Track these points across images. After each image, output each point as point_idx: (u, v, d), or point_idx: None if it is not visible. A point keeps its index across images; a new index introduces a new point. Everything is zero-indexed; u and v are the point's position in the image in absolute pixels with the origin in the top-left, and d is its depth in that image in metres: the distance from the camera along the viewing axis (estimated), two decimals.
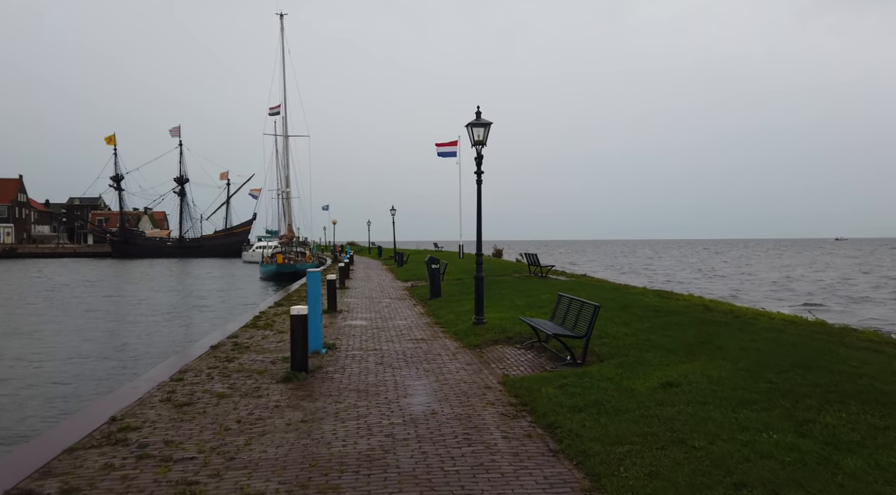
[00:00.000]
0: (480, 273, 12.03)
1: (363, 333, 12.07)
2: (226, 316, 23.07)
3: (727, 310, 11.50)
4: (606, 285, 18.04)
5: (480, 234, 12.04)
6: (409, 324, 13.36)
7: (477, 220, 12.04)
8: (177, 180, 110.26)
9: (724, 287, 39.56)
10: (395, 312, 15.54)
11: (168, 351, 15.38)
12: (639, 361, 7.71)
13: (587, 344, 8.31)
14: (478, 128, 11.66)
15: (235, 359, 9.52)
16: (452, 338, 11.31)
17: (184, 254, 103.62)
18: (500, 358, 9.29)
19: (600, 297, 14.18)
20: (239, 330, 12.62)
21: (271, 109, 47.50)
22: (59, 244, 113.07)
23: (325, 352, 9.97)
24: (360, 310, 16.21)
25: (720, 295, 27.44)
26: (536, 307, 13.59)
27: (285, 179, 49.77)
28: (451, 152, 40.42)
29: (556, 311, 9.98)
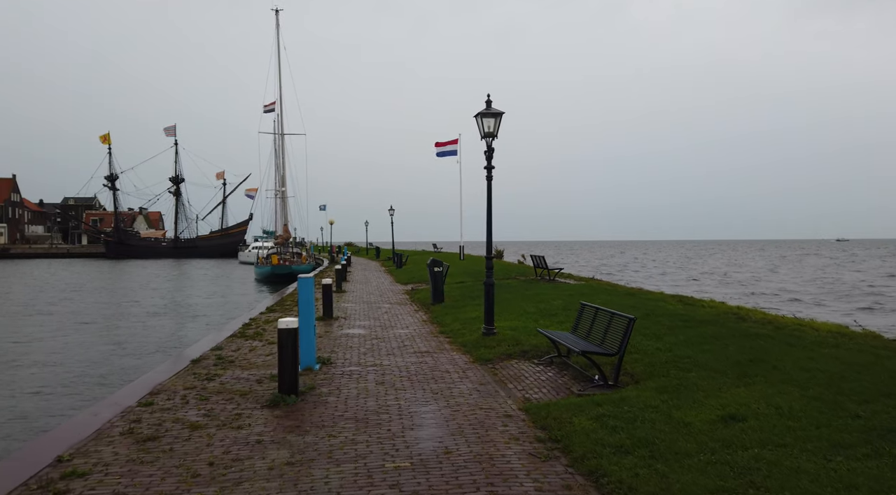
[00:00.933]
0: (491, 278, 10.94)
1: (361, 344, 10.96)
2: (216, 321, 21.94)
3: (765, 320, 10.43)
4: (620, 289, 16.96)
5: (490, 235, 10.95)
6: (411, 333, 12.26)
7: (487, 220, 10.96)
8: (172, 180, 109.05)
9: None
10: (395, 319, 14.44)
11: (144, 364, 14.13)
12: (683, 384, 6.61)
13: (620, 362, 7.21)
14: (488, 119, 10.57)
15: (217, 376, 8.40)
16: (460, 350, 10.21)
17: (179, 254, 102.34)
18: (516, 376, 8.19)
19: (618, 304, 13.10)
20: (224, 340, 11.50)
21: (266, 106, 46.35)
22: (52, 244, 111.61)
23: (318, 368, 8.86)
24: (358, 316, 15.11)
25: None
26: (549, 315, 12.50)
27: (281, 178, 48.64)
28: (451, 151, 39.33)
29: (579, 323, 8.88)
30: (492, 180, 10.83)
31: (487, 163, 10.73)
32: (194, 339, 15.90)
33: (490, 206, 10.92)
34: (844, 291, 38.06)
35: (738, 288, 40.43)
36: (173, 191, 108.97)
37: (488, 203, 10.92)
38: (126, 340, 18.22)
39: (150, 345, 17.35)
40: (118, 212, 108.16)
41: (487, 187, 10.86)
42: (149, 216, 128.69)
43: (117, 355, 15.95)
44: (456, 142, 39.35)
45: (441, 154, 39.15)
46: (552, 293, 16.21)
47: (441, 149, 38.94)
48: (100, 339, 18.63)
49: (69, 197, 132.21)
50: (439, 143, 39.13)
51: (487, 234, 10.97)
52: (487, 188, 10.87)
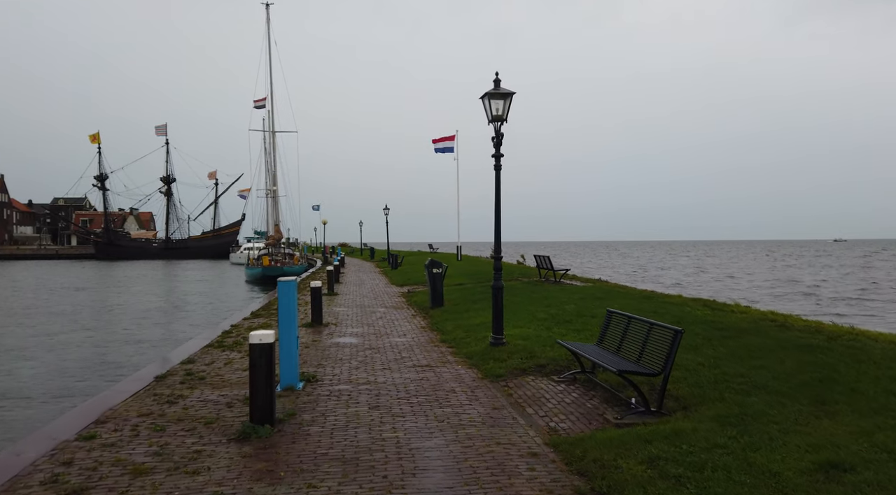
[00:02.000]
0: (500, 281, 9.66)
1: (353, 356, 9.67)
2: (195, 327, 20.58)
3: (810, 328, 9.20)
4: (634, 292, 15.72)
5: (499, 233, 9.68)
6: (409, 342, 10.98)
7: (495, 215, 9.68)
8: (163, 180, 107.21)
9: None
10: (391, 325, 13.15)
11: (106, 378, 12.63)
12: (748, 413, 5.37)
13: (665, 384, 5.95)
14: (496, 100, 9.31)
15: (181, 398, 7.11)
16: (466, 363, 8.94)
17: (170, 255, 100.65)
18: (535, 397, 6.93)
19: (637, 309, 11.86)
20: (199, 351, 10.20)
21: (256, 102, 44.91)
22: (41, 246, 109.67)
23: (301, 387, 7.57)
24: (351, 322, 13.81)
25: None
26: (563, 322, 11.24)
27: (272, 177, 47.24)
28: (448, 148, 38.11)
29: (606, 333, 7.63)
30: (500, 170, 9.57)
31: (496, 150, 9.47)
32: (168, 347, 14.55)
33: (498, 200, 9.66)
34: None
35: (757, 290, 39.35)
36: (164, 191, 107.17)
37: (496, 196, 9.65)
38: (90, 354, 16.78)
39: (120, 357, 15.94)
40: (108, 212, 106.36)
41: (496, 178, 9.60)
42: (140, 216, 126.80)
43: (81, 368, 14.53)
44: (453, 138, 38.14)
45: (439, 150, 37.92)
46: (561, 296, 14.96)
47: (439, 145, 37.71)
48: (70, 347, 17.25)
49: (59, 197, 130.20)
50: (437, 139, 37.91)
51: (496, 232, 9.70)
52: (496, 179, 9.60)
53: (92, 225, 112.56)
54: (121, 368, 13.64)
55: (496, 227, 9.69)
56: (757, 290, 38.20)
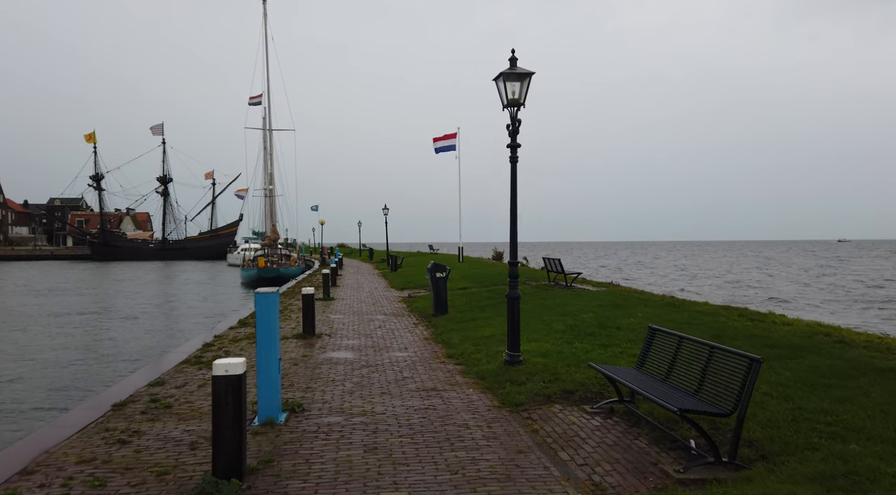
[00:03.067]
0: (516, 290, 8.40)
1: (347, 376, 8.42)
2: (185, 332, 19.33)
3: (873, 344, 7.96)
4: (656, 299, 14.45)
5: (515, 235, 8.40)
6: (411, 357, 9.73)
7: (510, 214, 8.42)
8: (160, 180, 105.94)
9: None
10: (391, 337, 11.90)
11: (62, 402, 10.93)
12: (857, 470, 4.12)
13: (740, 428, 4.68)
14: (513, 82, 8.07)
15: (137, 435, 5.86)
16: (478, 386, 7.69)
17: (166, 256, 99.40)
18: (567, 435, 5.67)
19: (665, 319, 10.62)
20: (172, 369, 8.95)
21: (252, 99, 43.60)
22: (36, 246, 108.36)
23: (283, 419, 6.32)
24: (347, 332, 12.56)
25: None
26: (585, 334, 9.98)
27: (269, 176, 45.97)
28: (449, 146, 36.85)
29: (648, 354, 6.38)
30: (517, 162, 8.32)
31: (511, 140, 8.22)
32: (142, 361, 13.24)
33: (514, 197, 8.40)
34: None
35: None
36: (161, 191, 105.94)
37: (512, 193, 8.39)
38: (62, 361, 15.46)
39: (87, 375, 14.57)
40: (104, 212, 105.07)
41: (511, 172, 8.35)
42: (136, 217, 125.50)
43: (37, 385, 13.10)
44: (454, 136, 36.88)
45: (439, 149, 36.66)
46: (577, 303, 13.70)
47: (440, 144, 36.45)
48: (36, 359, 15.96)
49: (55, 197, 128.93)
50: (438, 138, 36.65)
51: (511, 233, 8.43)
52: (511, 173, 8.35)
53: (88, 225, 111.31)
54: (83, 389, 12.02)
55: (511, 228, 8.43)
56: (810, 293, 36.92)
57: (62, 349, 16.97)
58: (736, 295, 34.87)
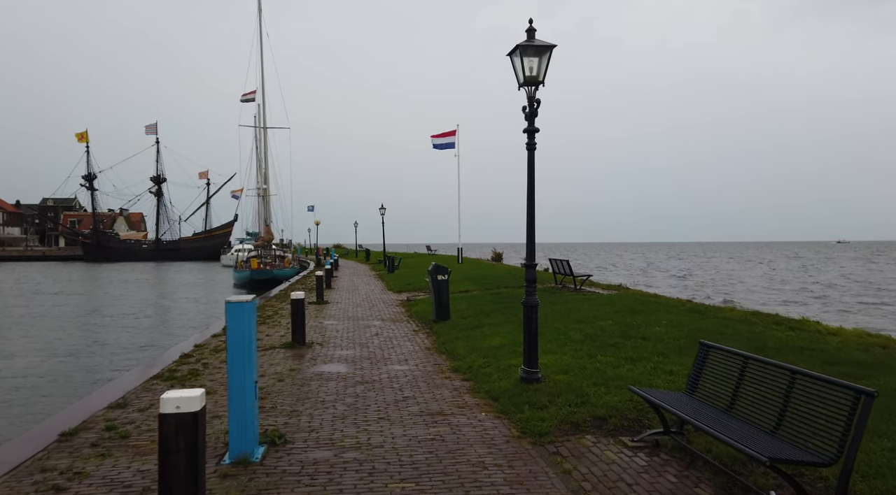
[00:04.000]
0: (534, 297, 7.31)
1: (340, 395, 7.33)
2: (169, 337, 18.19)
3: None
4: (676, 304, 13.36)
5: (533, 233, 7.32)
6: (412, 371, 8.64)
7: (528, 210, 7.33)
8: (153, 179, 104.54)
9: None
10: (389, 345, 10.81)
11: (8, 429, 9.46)
12: None
13: (847, 480, 3.61)
14: (530, 57, 7.00)
15: (77, 478, 4.76)
16: (491, 409, 6.61)
17: (160, 257, 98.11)
18: (608, 480, 4.60)
19: (692, 327, 9.56)
20: (140, 385, 7.86)
21: (245, 95, 42.43)
22: (27, 247, 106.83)
23: (260, 456, 5.23)
24: (341, 340, 11.46)
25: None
26: (607, 345, 8.91)
27: (263, 175, 44.81)
28: (448, 144, 35.80)
29: (702, 375, 5.31)
30: (535, 150, 7.25)
31: (528, 123, 7.14)
32: (109, 374, 12.06)
33: (532, 190, 7.31)
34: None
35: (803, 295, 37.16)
36: (154, 191, 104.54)
37: (530, 185, 7.31)
38: (24, 376, 14.31)
39: (50, 394, 13.39)
40: (97, 213, 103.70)
41: (528, 161, 7.27)
42: (130, 217, 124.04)
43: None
44: (454, 133, 35.82)
45: (438, 146, 35.60)
46: (591, 309, 12.64)
47: (438, 141, 35.39)
48: (5, 367, 14.81)
49: (48, 197, 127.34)
50: (436, 134, 35.59)
51: (528, 231, 7.34)
52: (528, 162, 7.27)
53: (80, 226, 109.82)
54: (32, 413, 10.49)
55: (528, 226, 7.35)
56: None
57: (31, 355, 15.80)
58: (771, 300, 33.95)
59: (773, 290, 39.34)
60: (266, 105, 43.60)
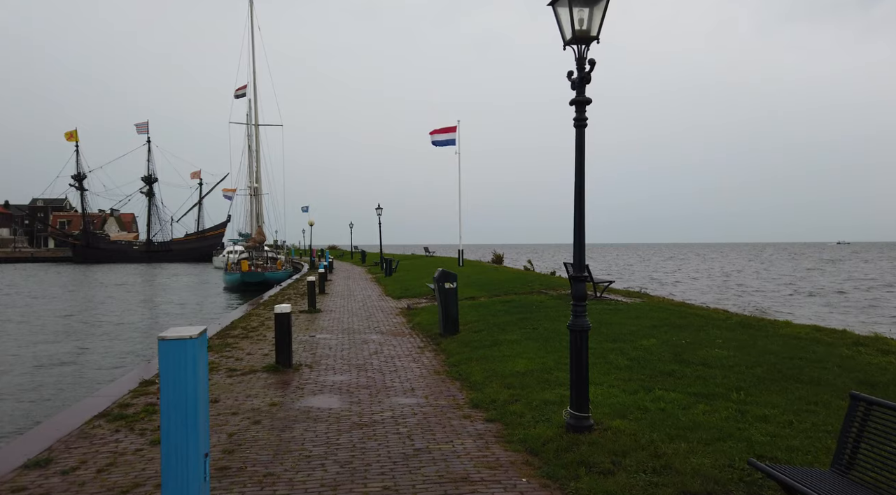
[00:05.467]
0: (583, 318, 5.61)
1: (331, 446, 5.64)
2: (132, 357, 16.44)
3: None
4: (721, 317, 11.64)
5: (582, 236, 5.63)
6: (421, 407, 6.95)
7: (575, 207, 5.64)
8: (144, 179, 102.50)
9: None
10: (391, 369, 9.12)
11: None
12: None
13: None
14: (581, 7, 5.34)
15: None
16: (533, 471, 4.93)
17: (152, 258, 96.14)
18: None
19: (758, 349, 7.90)
20: (77, 430, 6.14)
21: (237, 90, 40.67)
22: (15, 248, 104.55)
23: None
24: (333, 361, 9.77)
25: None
26: (661, 374, 7.23)
27: (254, 174, 43.04)
28: (449, 140, 34.12)
29: (861, 448, 3.64)
30: (585, 126, 5.58)
31: (577, 92, 5.47)
32: (45, 406, 10.15)
33: (581, 182, 5.62)
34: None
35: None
36: (146, 191, 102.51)
37: (578, 174, 5.62)
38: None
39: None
40: (87, 213, 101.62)
41: (577, 143, 5.59)
42: (121, 218, 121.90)
43: None
44: (454, 129, 34.14)
45: (438, 143, 33.91)
46: (623, 322, 10.98)
47: (438, 137, 33.70)
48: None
49: (37, 198, 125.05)
50: (436, 130, 33.91)
51: (576, 233, 5.64)
52: (577, 145, 5.59)
53: (70, 226, 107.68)
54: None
55: (576, 225, 5.65)
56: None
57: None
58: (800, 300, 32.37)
59: (801, 296, 37.74)
60: (258, 101, 41.87)
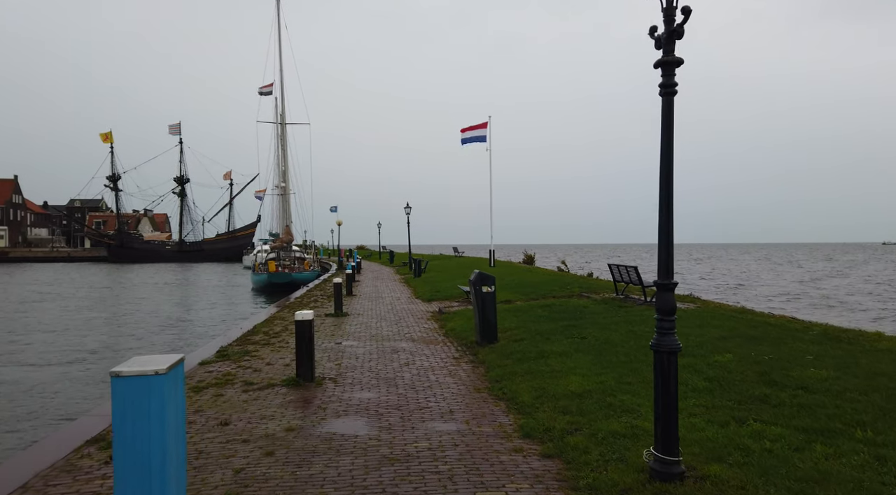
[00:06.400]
0: (672, 337, 4.47)
1: (356, 488, 4.60)
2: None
3: None
4: (796, 327, 10.32)
5: (670, 233, 4.49)
6: (463, 436, 5.87)
7: (661, 199, 4.50)
8: (177, 180, 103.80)
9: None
10: (424, 384, 8.07)
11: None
12: None
13: None
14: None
15: None
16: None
17: (183, 258, 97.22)
18: None
19: (871, 372, 6.61)
20: (67, 456, 5.22)
21: (263, 88, 40.18)
22: (53, 248, 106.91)
23: None
24: (360, 373, 8.76)
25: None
26: (753, 399, 6.00)
27: (282, 173, 42.55)
28: (479, 137, 33.01)
29: None
30: (674, 95, 4.43)
31: (664, 51, 4.33)
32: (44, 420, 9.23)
33: (669, 165, 4.48)
34: None
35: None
36: (178, 191, 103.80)
37: (664, 155, 4.47)
38: None
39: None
40: (121, 213, 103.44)
41: (663, 114, 4.44)
42: (154, 218, 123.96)
43: None
44: (485, 126, 33.03)
45: (467, 140, 32.84)
46: (684, 330, 9.69)
47: (467, 135, 32.63)
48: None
49: (74, 199, 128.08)
50: (466, 128, 32.83)
51: (661, 231, 4.50)
52: (663, 117, 4.45)
53: (106, 226, 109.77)
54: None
55: (661, 221, 4.51)
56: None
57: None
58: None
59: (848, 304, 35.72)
60: (284, 99, 41.35)
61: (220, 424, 6.34)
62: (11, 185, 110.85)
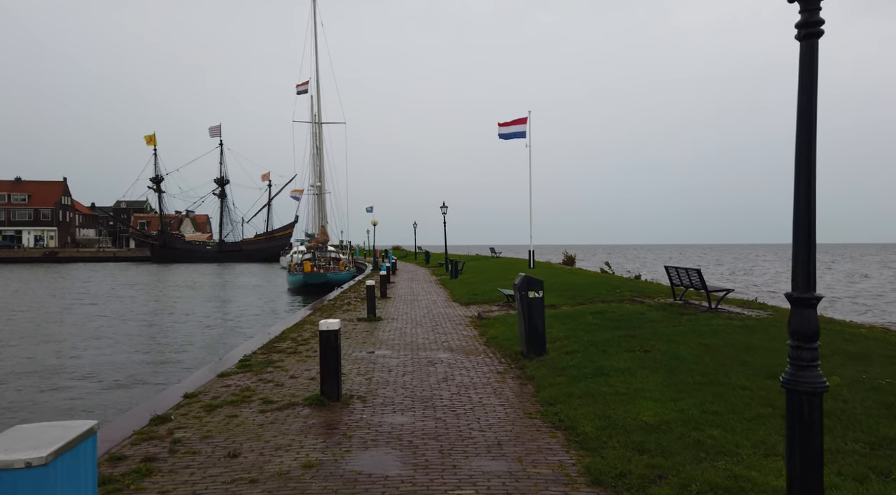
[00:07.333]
0: (815, 371, 3.27)
1: None
2: (172, 371, 15.03)
3: None
4: (888, 336, 8.87)
5: (812, 231, 3.30)
6: (517, 479, 4.76)
7: (796, 187, 3.31)
8: (217, 181, 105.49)
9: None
10: (467, 406, 6.98)
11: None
12: None
13: None
14: None
15: None
16: None
17: (223, 258, 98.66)
18: None
19: None
20: None
21: (299, 86, 39.76)
22: (99, 248, 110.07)
23: None
24: (393, 390, 7.73)
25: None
26: (892, 442, 4.74)
27: (318, 172, 42.11)
28: (519, 132, 31.74)
29: None
30: (818, 36, 3.22)
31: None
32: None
33: (811, 132, 3.29)
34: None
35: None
36: (218, 193, 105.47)
37: (801, 119, 3.28)
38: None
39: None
40: (164, 214, 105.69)
41: (801, 64, 3.25)
42: (196, 219, 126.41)
43: None
44: (525, 121, 31.74)
45: (505, 136, 31.59)
46: (765, 345, 8.36)
47: (506, 130, 31.38)
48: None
49: (121, 200, 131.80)
50: (504, 123, 31.60)
51: (797, 216, 3.32)
52: (801, 67, 3.25)
53: (150, 227, 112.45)
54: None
55: (797, 217, 3.31)
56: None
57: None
58: None
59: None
60: (321, 97, 40.89)
61: (227, 456, 5.39)
62: (60, 188, 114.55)
